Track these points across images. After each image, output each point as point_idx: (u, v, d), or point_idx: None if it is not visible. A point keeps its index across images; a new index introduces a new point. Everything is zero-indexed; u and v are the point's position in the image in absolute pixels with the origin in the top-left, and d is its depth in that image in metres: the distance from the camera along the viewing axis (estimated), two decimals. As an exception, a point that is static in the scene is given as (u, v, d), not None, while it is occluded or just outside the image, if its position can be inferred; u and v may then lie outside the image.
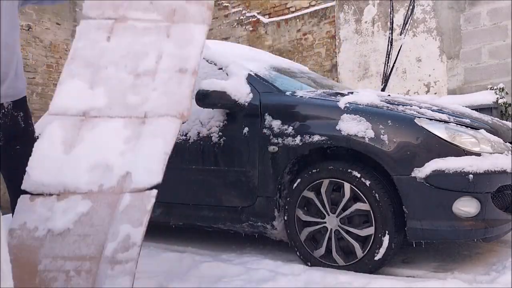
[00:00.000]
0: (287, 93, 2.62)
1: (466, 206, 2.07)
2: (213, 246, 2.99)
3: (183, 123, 1.79)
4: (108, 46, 1.92)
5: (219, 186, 2.70)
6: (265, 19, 7.44)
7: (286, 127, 2.44)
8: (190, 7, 1.98)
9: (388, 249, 2.14)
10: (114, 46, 1.92)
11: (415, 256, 2.50)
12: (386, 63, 5.07)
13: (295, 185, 2.40)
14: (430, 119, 2.19)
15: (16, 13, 1.91)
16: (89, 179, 1.66)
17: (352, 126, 2.22)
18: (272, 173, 2.48)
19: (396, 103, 2.40)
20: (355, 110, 2.28)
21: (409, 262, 2.42)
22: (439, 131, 2.13)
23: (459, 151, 2.09)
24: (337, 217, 2.28)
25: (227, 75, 2.77)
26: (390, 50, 5.06)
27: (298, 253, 2.42)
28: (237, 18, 7.74)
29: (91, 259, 1.53)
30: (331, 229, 2.30)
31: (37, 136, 1.84)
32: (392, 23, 5.27)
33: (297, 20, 7.12)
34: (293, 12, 7.22)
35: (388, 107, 2.31)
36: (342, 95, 2.51)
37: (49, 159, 1.69)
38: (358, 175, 2.20)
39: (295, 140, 2.39)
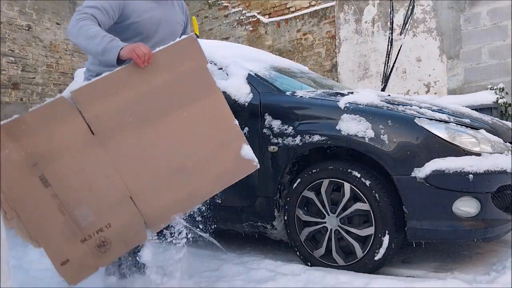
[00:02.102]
0: (287, 93, 2.62)
1: (466, 206, 2.07)
2: (213, 246, 2.98)
3: None
4: None
5: (219, 186, 2.70)
6: (265, 19, 7.44)
7: (286, 127, 2.44)
8: None
9: (388, 249, 2.14)
10: None
11: (415, 256, 2.50)
12: (386, 63, 5.06)
13: (295, 185, 2.40)
14: (430, 119, 2.19)
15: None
16: None
17: (352, 126, 2.22)
18: (272, 173, 2.48)
19: (396, 103, 2.40)
20: (355, 110, 2.28)
21: (409, 262, 2.42)
22: (439, 131, 2.13)
23: (459, 151, 2.09)
24: (337, 217, 2.28)
25: (227, 75, 2.77)
26: (390, 50, 5.06)
27: (298, 253, 2.42)
28: (237, 18, 7.74)
29: None
30: (331, 229, 2.30)
31: None
32: (392, 23, 5.27)
33: (297, 20, 7.12)
34: (293, 12, 7.22)
35: (388, 107, 2.30)
36: (342, 95, 2.50)
37: None
38: (358, 175, 2.20)
39: (295, 140, 2.39)
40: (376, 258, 2.16)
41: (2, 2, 5.46)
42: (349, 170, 2.23)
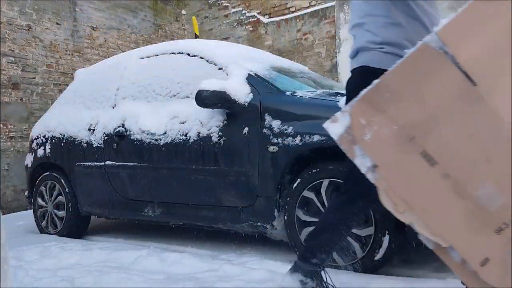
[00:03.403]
0: (287, 93, 2.62)
1: (466, 206, 2.06)
2: (213, 246, 2.99)
3: None
4: None
5: (219, 186, 2.70)
6: (265, 19, 7.44)
7: (286, 127, 2.44)
8: None
9: (388, 249, 2.14)
10: None
11: (415, 256, 2.50)
12: (386, 63, 5.06)
13: (295, 185, 2.40)
14: (430, 119, 2.18)
15: None
16: None
17: (352, 126, 2.22)
18: (272, 173, 2.48)
19: (396, 103, 2.39)
20: (355, 110, 2.28)
21: (409, 262, 2.42)
22: (439, 131, 2.12)
23: (459, 151, 2.09)
24: (337, 217, 2.28)
25: (227, 75, 2.77)
26: (390, 50, 5.06)
27: (298, 253, 2.42)
28: (237, 18, 7.74)
29: None
30: (331, 229, 2.29)
31: None
32: (392, 23, 5.27)
33: (297, 20, 7.12)
34: (293, 12, 7.22)
35: (388, 107, 2.30)
36: (342, 95, 2.50)
37: None
38: (358, 175, 2.19)
39: (295, 140, 2.39)
40: (376, 258, 2.16)
41: (2, 2, 5.46)
42: (349, 170, 2.23)
